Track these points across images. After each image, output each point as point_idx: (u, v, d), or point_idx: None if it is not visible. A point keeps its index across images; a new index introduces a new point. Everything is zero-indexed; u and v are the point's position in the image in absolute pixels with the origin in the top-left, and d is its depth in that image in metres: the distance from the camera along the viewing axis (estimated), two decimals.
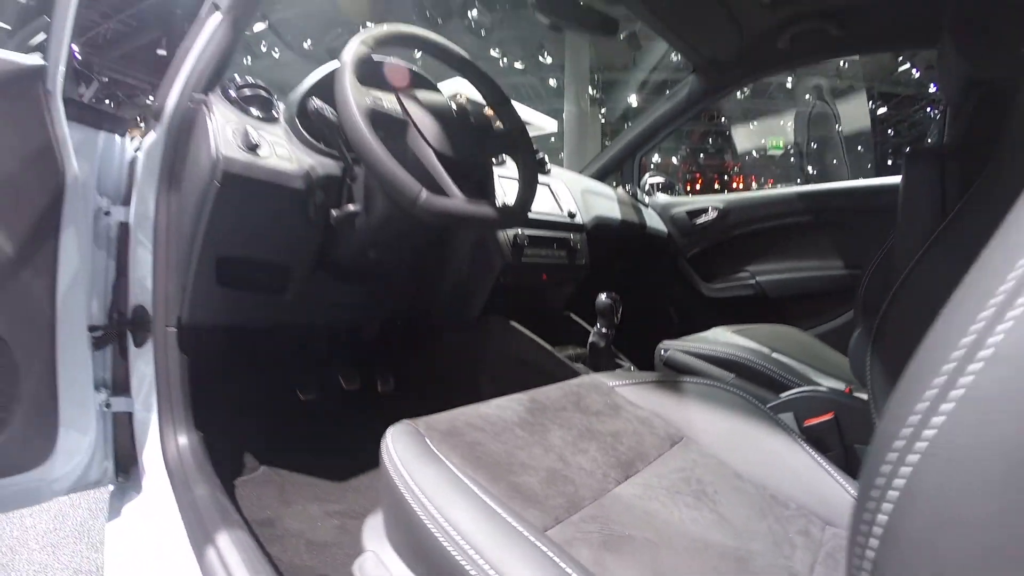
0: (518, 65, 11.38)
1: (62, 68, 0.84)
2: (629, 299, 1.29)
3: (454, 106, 0.84)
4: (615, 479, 0.56)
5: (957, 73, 0.82)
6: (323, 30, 11.53)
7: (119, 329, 0.95)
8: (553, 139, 11.30)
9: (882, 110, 9.61)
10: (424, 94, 0.85)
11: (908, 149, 1.03)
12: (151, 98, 1.12)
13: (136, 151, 0.98)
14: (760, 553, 0.47)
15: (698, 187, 15.52)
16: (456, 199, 0.73)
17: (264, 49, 12.43)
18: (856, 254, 1.66)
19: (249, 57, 13.18)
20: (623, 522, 0.48)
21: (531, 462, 0.54)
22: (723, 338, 1.33)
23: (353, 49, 0.74)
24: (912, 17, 1.38)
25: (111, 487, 1.04)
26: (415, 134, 0.76)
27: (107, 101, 16.40)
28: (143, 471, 0.96)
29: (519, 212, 0.86)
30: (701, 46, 1.50)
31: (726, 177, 16.11)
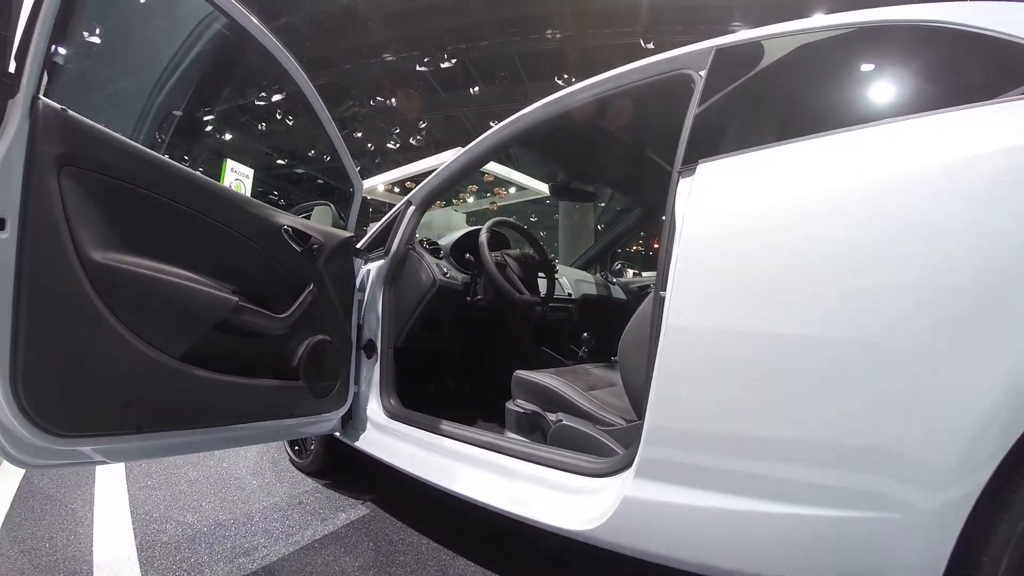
0: None
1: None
2: (600, 337, 2.46)
3: (520, 253, 2.06)
4: (589, 389, 1.68)
5: None
6: (336, 102, 12.93)
7: (361, 349, 2.09)
8: (548, 202, 12.59)
9: None
10: (510, 251, 2.07)
11: None
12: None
13: (366, 268, 2.15)
14: None
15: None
16: (525, 295, 1.92)
17: (279, 117, 13.84)
18: None
19: (264, 124, 14.55)
20: (592, 398, 1.62)
21: (563, 381, 1.68)
22: None
23: (484, 235, 1.95)
24: None
25: (337, 433, 2.14)
26: (510, 269, 1.97)
27: None
28: (367, 419, 2.06)
29: (547, 299, 2.08)
30: (642, 198, 2.75)
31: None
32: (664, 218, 1.21)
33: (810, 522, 0.93)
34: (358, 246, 2.17)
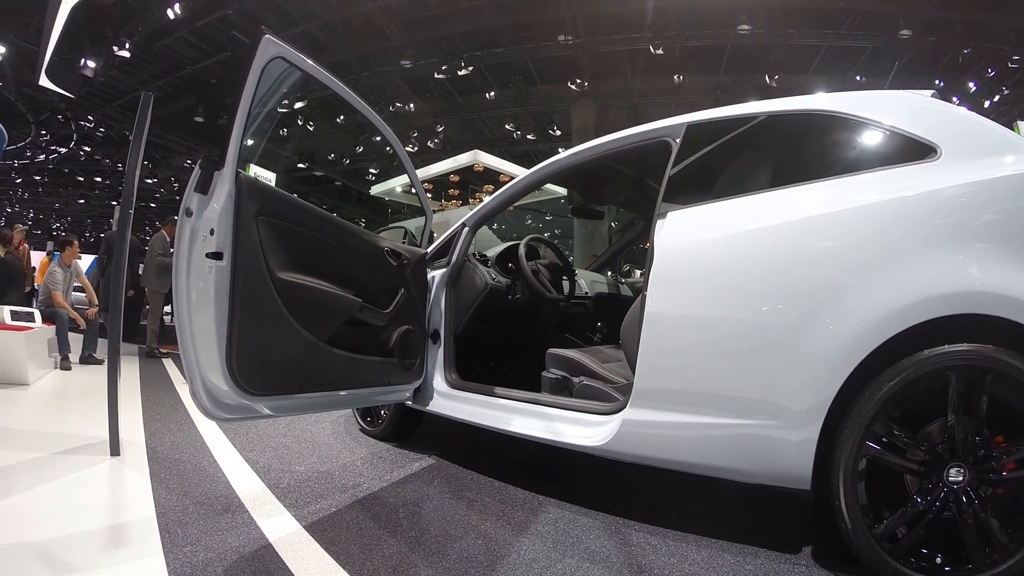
0: (530, 136, 13.68)
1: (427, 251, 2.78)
2: (610, 326, 3.21)
3: (548, 261, 2.82)
4: (603, 363, 2.42)
5: None
6: (353, 111, 13.70)
7: (428, 337, 2.85)
8: (562, 201, 13.30)
9: None
10: (540, 260, 2.82)
11: None
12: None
13: (431, 274, 2.90)
14: None
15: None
16: (553, 294, 2.68)
17: (300, 122, 14.67)
18: None
19: (285, 129, 15.38)
20: (604, 368, 2.36)
21: (585, 354, 2.42)
22: None
23: (523, 249, 2.70)
24: None
25: (408, 401, 2.90)
26: (543, 274, 2.73)
27: (146, 163, 18.34)
28: (433, 389, 2.81)
29: (569, 297, 2.84)
30: (643, 212, 3.49)
31: None
32: (649, 244, 1.94)
33: (728, 428, 1.67)
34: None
